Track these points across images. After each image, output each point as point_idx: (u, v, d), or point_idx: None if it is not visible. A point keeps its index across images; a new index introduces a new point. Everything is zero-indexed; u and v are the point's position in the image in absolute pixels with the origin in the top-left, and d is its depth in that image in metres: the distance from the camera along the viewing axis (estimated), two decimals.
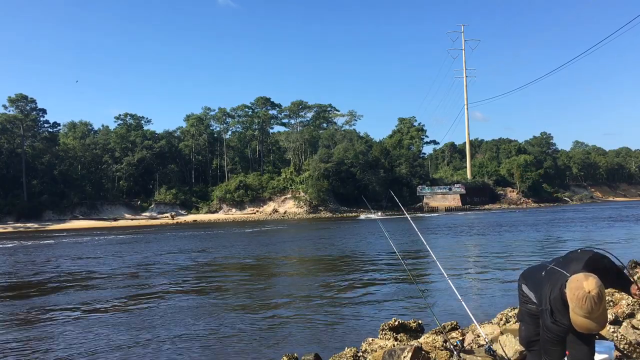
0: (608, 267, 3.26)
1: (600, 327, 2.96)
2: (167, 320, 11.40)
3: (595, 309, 2.89)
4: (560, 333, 3.15)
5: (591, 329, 2.95)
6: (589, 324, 2.93)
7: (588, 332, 2.97)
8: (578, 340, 3.22)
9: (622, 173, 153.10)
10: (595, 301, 2.89)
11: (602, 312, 2.93)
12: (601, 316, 2.93)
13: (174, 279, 18.21)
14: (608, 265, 3.26)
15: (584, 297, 2.90)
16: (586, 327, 2.94)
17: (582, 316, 2.93)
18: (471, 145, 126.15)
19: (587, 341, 3.24)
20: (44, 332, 10.82)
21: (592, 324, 2.92)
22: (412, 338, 7.56)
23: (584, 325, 2.94)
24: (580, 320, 2.94)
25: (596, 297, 2.90)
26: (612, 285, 3.32)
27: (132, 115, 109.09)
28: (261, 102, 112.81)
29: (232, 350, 8.83)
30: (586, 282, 2.93)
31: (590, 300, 2.89)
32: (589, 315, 2.91)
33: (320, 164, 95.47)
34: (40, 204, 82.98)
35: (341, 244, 31.54)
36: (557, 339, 3.19)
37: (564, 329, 3.12)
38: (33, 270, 22.61)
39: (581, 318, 2.93)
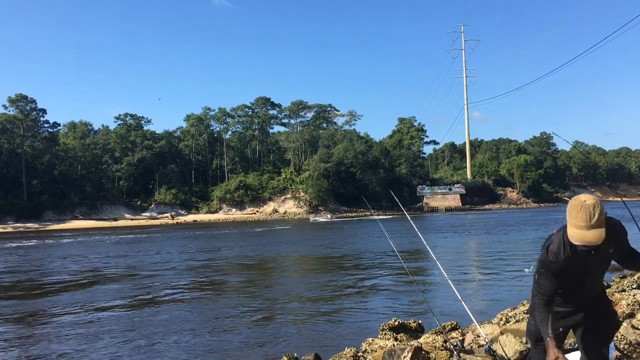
0: (623, 232, 3.19)
1: (595, 239, 2.89)
2: (168, 320, 11.40)
3: (590, 217, 2.88)
4: (552, 265, 3.12)
5: (586, 240, 2.90)
6: (584, 235, 2.90)
7: (583, 243, 2.91)
8: (593, 345, 3.29)
9: (622, 173, 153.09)
10: (590, 210, 2.89)
11: (598, 223, 2.89)
12: (596, 227, 2.88)
13: (174, 279, 18.20)
14: (623, 232, 3.20)
15: (580, 206, 2.93)
16: (581, 238, 2.91)
17: (577, 227, 2.92)
18: (471, 145, 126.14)
19: (600, 344, 3.30)
20: (45, 331, 10.82)
21: (586, 234, 2.89)
22: (412, 338, 7.56)
23: (579, 236, 2.91)
24: (575, 232, 2.93)
25: (591, 207, 2.90)
26: (627, 260, 3.28)
27: (132, 115, 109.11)
28: (261, 102, 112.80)
29: (233, 350, 8.83)
30: (584, 196, 3.00)
31: (586, 209, 2.90)
32: (584, 224, 2.89)
33: (320, 164, 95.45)
34: (40, 204, 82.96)
35: (341, 243, 31.54)
36: (545, 271, 3.15)
37: (555, 262, 3.10)
38: (35, 271, 22.61)
39: (577, 230, 2.92)
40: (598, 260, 3.16)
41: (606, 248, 3.08)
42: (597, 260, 3.16)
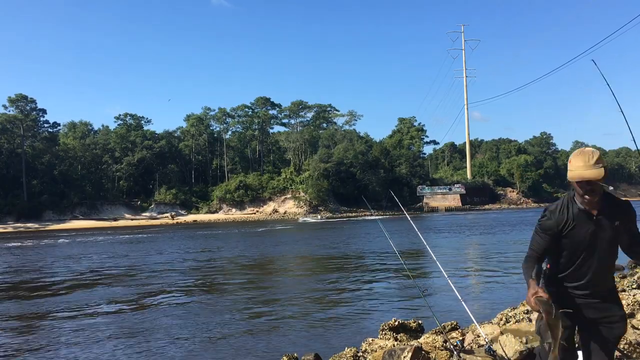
0: (631, 212, 3.19)
1: (594, 175, 2.97)
2: (168, 320, 11.40)
3: (589, 159, 2.99)
4: (545, 221, 3.19)
5: (585, 175, 2.99)
6: (583, 172, 2.99)
7: (583, 178, 2.99)
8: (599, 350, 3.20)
9: (622, 173, 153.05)
10: (589, 153, 3.02)
11: (596, 163, 2.98)
12: (595, 166, 2.98)
13: (174, 279, 18.20)
14: (631, 211, 3.19)
15: (579, 151, 3.07)
16: (580, 175, 3.00)
17: (576, 168, 3.03)
18: (471, 145, 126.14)
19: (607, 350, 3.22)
20: (45, 331, 10.81)
21: (585, 172, 2.99)
22: (412, 338, 7.56)
23: (579, 174, 3.01)
24: (575, 173, 3.03)
25: (590, 151, 3.04)
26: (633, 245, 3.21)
27: (132, 115, 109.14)
28: (261, 102, 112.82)
29: (233, 350, 8.82)
30: (585, 148, 3.10)
31: (585, 152, 3.04)
32: (583, 164, 3.00)
33: (320, 164, 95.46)
34: (40, 204, 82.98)
35: (341, 243, 31.54)
36: (540, 228, 3.23)
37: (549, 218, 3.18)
38: (36, 270, 22.61)
39: (576, 171, 3.02)
40: (602, 230, 3.11)
41: (611, 218, 3.10)
42: (601, 231, 3.11)
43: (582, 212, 3.12)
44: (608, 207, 3.12)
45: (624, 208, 3.16)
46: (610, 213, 3.11)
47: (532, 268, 3.19)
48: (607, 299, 3.24)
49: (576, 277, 3.23)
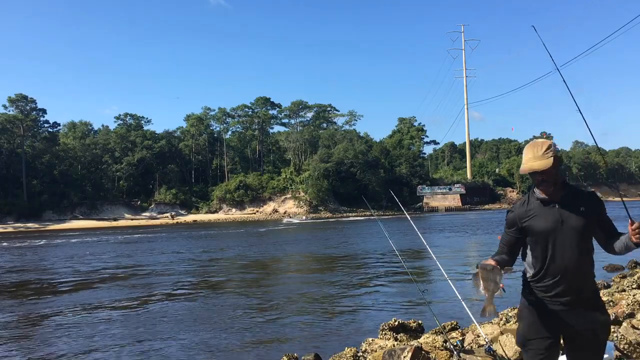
0: (597, 200, 3.10)
1: (540, 166, 2.97)
2: (168, 320, 11.41)
3: (538, 150, 3.00)
4: (509, 214, 3.21)
5: (532, 167, 2.99)
6: (531, 164, 3.00)
7: (530, 169, 3.00)
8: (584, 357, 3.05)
9: (622, 173, 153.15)
10: (538, 144, 3.03)
11: (545, 154, 2.98)
12: (543, 158, 2.98)
13: (174, 279, 18.21)
14: (597, 200, 3.11)
15: (530, 143, 3.08)
16: (529, 167, 3.00)
17: (526, 160, 3.04)
18: (471, 145, 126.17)
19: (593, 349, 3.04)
20: (45, 331, 10.82)
21: (533, 163, 2.99)
22: (412, 338, 7.56)
23: (527, 166, 3.02)
24: (524, 165, 3.04)
25: (540, 142, 3.04)
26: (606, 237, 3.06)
27: (132, 115, 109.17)
28: (261, 102, 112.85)
29: (233, 350, 8.83)
30: (537, 139, 3.10)
31: (535, 144, 3.05)
32: (532, 156, 3.01)
33: (320, 164, 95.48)
34: (40, 204, 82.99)
35: (341, 243, 31.54)
36: (506, 222, 3.25)
37: (512, 211, 3.19)
38: (36, 270, 22.62)
39: (525, 163, 3.04)
40: (566, 219, 2.97)
41: (574, 205, 2.99)
42: (565, 220, 2.97)
43: (541, 201, 3.06)
44: (569, 195, 3.04)
45: (586, 196, 3.08)
46: (573, 201, 3.01)
47: (497, 255, 3.20)
48: (586, 303, 3.00)
49: (548, 274, 3.03)
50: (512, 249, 3.19)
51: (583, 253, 3.00)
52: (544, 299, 3.06)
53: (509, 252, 3.19)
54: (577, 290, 2.99)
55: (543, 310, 3.06)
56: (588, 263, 3.04)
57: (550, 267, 3.03)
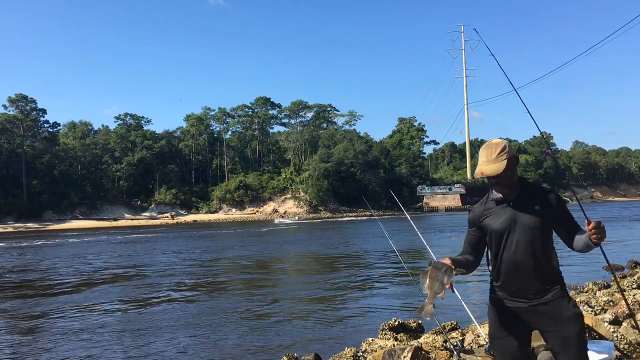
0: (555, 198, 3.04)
1: (492, 171, 2.95)
2: (168, 320, 11.41)
3: (491, 153, 2.97)
4: (470, 215, 3.22)
5: (485, 172, 2.97)
6: (483, 168, 2.98)
7: (481, 175, 2.99)
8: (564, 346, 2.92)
9: (622, 173, 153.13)
10: (492, 147, 2.99)
11: (497, 158, 2.95)
12: (496, 161, 2.95)
13: (174, 279, 18.21)
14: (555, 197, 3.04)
15: (485, 145, 3.05)
16: (481, 171, 3.00)
17: (479, 164, 3.03)
18: (471, 145, 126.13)
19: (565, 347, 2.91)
20: (45, 331, 10.82)
21: (485, 168, 2.98)
22: (412, 338, 7.56)
23: (479, 170, 3.01)
24: (477, 169, 3.03)
25: (494, 145, 3.00)
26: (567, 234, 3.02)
27: (132, 115, 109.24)
28: (261, 102, 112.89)
29: (232, 350, 8.83)
30: (494, 139, 3.06)
31: (489, 147, 3.01)
32: (485, 159, 2.99)
33: (320, 164, 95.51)
34: (40, 204, 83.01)
35: (341, 243, 31.55)
36: (468, 226, 3.25)
37: (472, 211, 3.21)
38: (37, 270, 22.63)
39: (479, 166, 3.02)
40: (520, 217, 2.96)
41: (529, 203, 2.98)
42: (519, 218, 2.96)
43: (497, 201, 3.07)
44: (525, 194, 3.02)
45: (543, 194, 3.03)
46: (528, 200, 3.00)
47: (460, 255, 3.17)
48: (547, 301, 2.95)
49: (501, 273, 3.04)
50: (474, 248, 3.19)
51: (537, 252, 2.97)
52: (503, 298, 3.08)
53: (472, 251, 3.19)
54: (533, 289, 2.97)
55: (504, 310, 3.07)
56: (545, 261, 2.99)
57: (502, 266, 3.05)
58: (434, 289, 2.80)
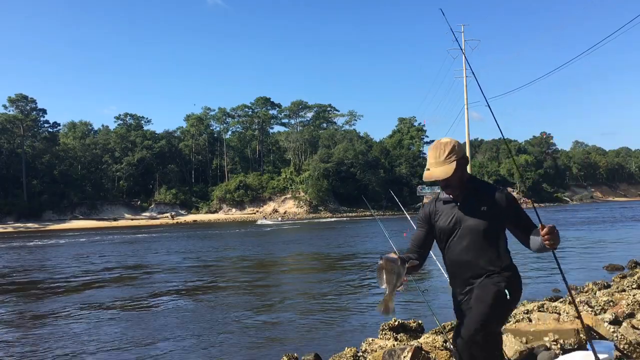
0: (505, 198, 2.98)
1: (440, 174, 2.87)
2: (168, 320, 11.41)
3: (439, 154, 2.88)
4: (420, 213, 3.21)
5: (432, 175, 2.91)
6: (431, 172, 2.92)
7: (429, 178, 2.94)
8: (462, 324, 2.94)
9: (622, 173, 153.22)
10: (440, 147, 2.91)
11: (446, 160, 2.86)
12: (444, 164, 2.87)
13: (173, 279, 18.22)
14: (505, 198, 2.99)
15: (433, 145, 2.98)
16: (429, 174, 2.93)
17: (428, 165, 2.96)
18: (471, 145, 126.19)
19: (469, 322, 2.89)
20: (45, 331, 10.82)
21: (433, 171, 2.91)
22: (412, 338, 7.56)
23: (428, 173, 2.94)
24: (426, 171, 2.96)
25: (442, 144, 2.92)
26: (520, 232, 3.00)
27: (132, 115, 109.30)
28: (261, 102, 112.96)
29: (232, 350, 8.83)
30: (443, 138, 2.99)
31: (437, 147, 2.93)
32: (433, 161, 2.91)
33: (320, 164, 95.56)
34: (40, 204, 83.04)
35: (341, 243, 31.55)
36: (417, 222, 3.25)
37: (422, 210, 3.18)
38: (37, 271, 22.63)
39: (426, 170, 2.96)
40: (466, 218, 2.93)
41: (476, 204, 2.93)
42: (464, 219, 2.93)
43: (446, 201, 3.04)
44: (473, 194, 2.96)
45: (492, 194, 2.96)
46: (476, 200, 2.94)
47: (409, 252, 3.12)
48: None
49: (448, 271, 3.14)
50: (421, 246, 3.15)
51: (481, 255, 2.93)
52: (455, 295, 3.14)
53: (418, 247, 3.15)
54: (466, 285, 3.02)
55: (456, 303, 3.13)
56: (490, 264, 2.94)
57: (448, 266, 3.10)
58: (393, 282, 2.79)
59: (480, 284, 2.93)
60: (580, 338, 5.50)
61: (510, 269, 2.99)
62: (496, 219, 2.93)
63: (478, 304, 2.88)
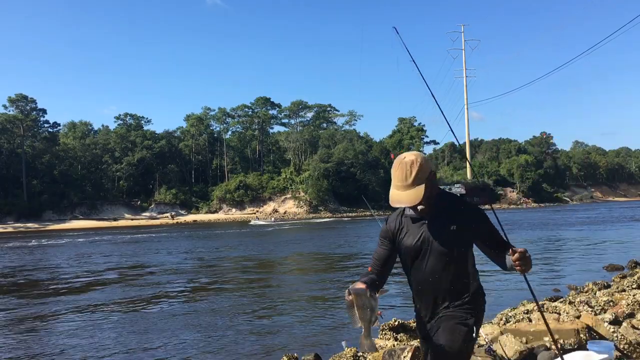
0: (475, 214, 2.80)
1: (410, 200, 2.62)
2: (168, 320, 11.41)
3: (406, 176, 2.62)
4: (382, 230, 2.96)
5: (401, 201, 2.64)
6: (399, 195, 2.64)
7: (398, 204, 2.66)
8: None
9: (622, 173, 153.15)
10: (407, 168, 2.63)
11: (415, 182, 2.61)
12: (413, 186, 2.61)
13: (173, 280, 18.22)
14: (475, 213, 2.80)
15: (398, 164, 2.68)
16: (397, 199, 2.65)
17: (394, 187, 2.68)
18: (471, 145, 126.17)
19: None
20: (50, 331, 10.83)
21: (401, 195, 2.63)
22: (412, 338, 7.56)
23: (396, 197, 2.65)
24: (393, 193, 2.68)
25: (408, 164, 2.64)
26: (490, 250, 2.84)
27: (132, 115, 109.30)
28: (261, 102, 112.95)
29: (232, 350, 8.83)
30: (406, 153, 2.74)
31: (403, 167, 2.65)
32: (400, 183, 2.64)
33: (320, 164, 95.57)
34: (40, 204, 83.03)
35: (341, 243, 31.54)
36: (379, 238, 2.98)
37: (385, 226, 2.94)
38: (38, 270, 22.63)
39: (394, 190, 2.68)
40: (434, 236, 2.73)
41: (446, 222, 2.73)
42: (432, 238, 2.74)
43: (413, 219, 2.81)
44: (444, 210, 2.76)
45: (461, 211, 2.77)
46: (446, 217, 2.74)
47: (365, 275, 2.86)
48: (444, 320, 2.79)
49: (414, 290, 2.92)
50: (383, 263, 2.91)
51: (449, 276, 2.76)
52: (419, 314, 2.94)
53: (381, 267, 2.91)
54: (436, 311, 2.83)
55: (420, 322, 2.93)
56: (458, 286, 2.78)
57: (414, 285, 2.89)
58: (368, 318, 2.53)
59: (446, 318, 2.76)
60: (580, 338, 5.50)
61: (478, 294, 2.84)
62: (466, 237, 2.76)
63: (446, 349, 2.70)
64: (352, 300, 2.54)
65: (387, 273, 2.94)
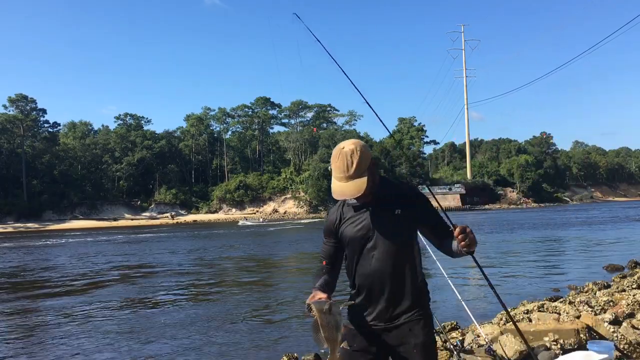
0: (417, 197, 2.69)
1: (353, 192, 2.49)
2: (168, 320, 11.41)
3: (348, 167, 2.48)
4: (325, 223, 2.81)
5: (344, 193, 2.50)
6: (342, 187, 2.50)
7: (341, 196, 2.52)
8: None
9: (622, 173, 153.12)
10: (347, 158, 2.48)
11: (356, 172, 2.48)
12: (355, 177, 2.48)
13: (173, 280, 18.22)
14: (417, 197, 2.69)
15: (338, 154, 2.53)
16: (340, 191, 2.51)
17: (336, 178, 2.53)
18: (471, 145, 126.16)
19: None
20: (51, 331, 10.83)
21: (344, 187, 2.49)
22: None
23: (338, 189, 2.51)
24: (334, 185, 2.54)
25: (349, 154, 2.49)
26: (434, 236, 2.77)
27: (132, 115, 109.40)
28: (261, 102, 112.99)
29: (233, 350, 8.83)
30: (345, 142, 2.58)
31: (343, 157, 2.50)
32: (342, 175, 2.49)
33: (321, 163, 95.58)
34: (40, 204, 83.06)
35: None
36: (323, 236, 2.84)
37: (327, 220, 2.78)
38: (38, 270, 22.63)
39: (336, 181, 2.54)
40: (379, 224, 2.60)
41: (389, 207, 2.61)
42: (377, 225, 2.60)
43: (354, 207, 2.66)
44: (385, 197, 2.62)
45: (405, 196, 2.66)
46: (389, 202, 2.61)
47: (319, 277, 2.72)
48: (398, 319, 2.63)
49: (357, 285, 2.71)
50: (334, 262, 2.77)
51: (398, 265, 2.62)
52: (358, 315, 2.73)
53: (332, 265, 2.77)
54: (389, 308, 2.64)
55: (359, 324, 2.71)
56: (407, 277, 2.65)
57: (358, 279, 2.71)
58: (334, 337, 2.32)
59: (414, 333, 2.61)
60: (580, 338, 5.50)
61: (426, 292, 2.77)
62: (411, 222, 2.65)
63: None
64: (316, 319, 2.32)
65: (338, 270, 2.79)
